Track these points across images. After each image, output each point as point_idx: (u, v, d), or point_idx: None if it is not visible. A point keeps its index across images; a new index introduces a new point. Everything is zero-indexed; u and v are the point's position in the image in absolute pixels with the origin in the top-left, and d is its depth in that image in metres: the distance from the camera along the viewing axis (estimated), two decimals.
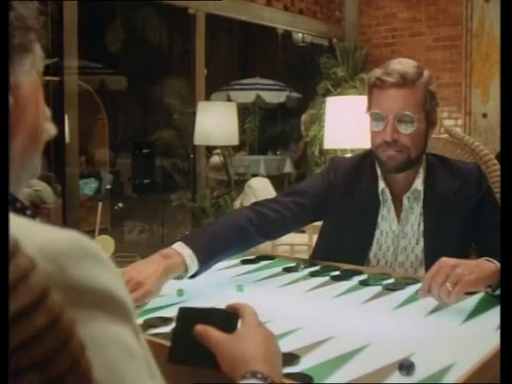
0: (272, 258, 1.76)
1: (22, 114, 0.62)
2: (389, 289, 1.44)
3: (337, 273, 1.60)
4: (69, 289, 0.48)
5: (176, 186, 6.65)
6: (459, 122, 5.39)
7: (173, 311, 1.24)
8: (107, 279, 0.52)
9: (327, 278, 1.55)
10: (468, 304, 1.31)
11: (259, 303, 1.20)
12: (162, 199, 6.24)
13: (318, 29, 5.99)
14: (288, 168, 8.93)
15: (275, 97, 9.47)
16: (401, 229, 1.68)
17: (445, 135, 2.08)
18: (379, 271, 1.62)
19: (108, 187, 6.96)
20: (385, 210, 1.68)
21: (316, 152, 5.43)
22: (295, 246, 3.71)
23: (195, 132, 4.37)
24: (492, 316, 1.23)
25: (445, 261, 1.28)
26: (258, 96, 9.38)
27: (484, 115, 5.30)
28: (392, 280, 1.52)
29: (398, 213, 1.68)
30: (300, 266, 1.65)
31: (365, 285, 1.48)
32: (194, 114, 4.46)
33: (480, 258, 1.35)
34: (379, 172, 1.68)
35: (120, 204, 6.55)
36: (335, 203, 1.69)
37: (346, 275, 1.56)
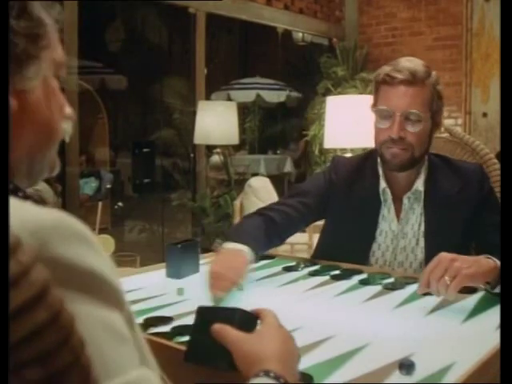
0: (272, 257, 1.76)
1: (31, 117, 0.65)
2: (389, 288, 1.44)
3: (337, 272, 1.60)
4: (53, 265, 0.48)
5: (176, 186, 6.65)
6: (459, 122, 5.39)
7: (173, 310, 1.24)
8: (96, 262, 0.52)
9: (327, 278, 1.55)
10: (468, 303, 1.31)
11: (259, 302, 1.20)
12: (162, 199, 6.24)
13: (318, 28, 5.99)
14: (288, 167, 8.93)
15: (275, 96, 9.47)
16: (400, 229, 1.68)
17: (445, 134, 2.08)
18: (379, 271, 1.62)
19: (108, 187, 6.96)
20: (385, 210, 1.68)
21: (316, 151, 5.43)
22: (295, 245, 3.71)
23: (195, 131, 4.36)
24: (492, 315, 1.23)
25: (443, 255, 1.28)
26: (258, 95, 9.37)
27: (484, 114, 5.29)
28: (392, 279, 1.52)
29: (398, 213, 1.67)
30: (300, 266, 1.65)
31: (365, 284, 1.48)
32: (194, 114, 4.46)
33: (479, 255, 1.36)
34: (381, 171, 1.68)
35: (120, 203, 6.56)
36: (337, 202, 1.70)
37: (346, 274, 1.56)
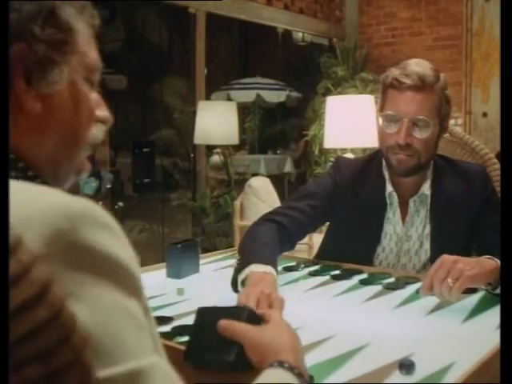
0: None
1: (56, 120, 0.67)
2: (389, 288, 1.44)
3: (337, 272, 1.60)
4: (79, 249, 0.50)
5: (176, 186, 6.66)
6: (459, 122, 5.39)
7: (173, 310, 1.25)
8: (118, 250, 0.53)
9: (327, 278, 1.55)
10: (468, 303, 1.31)
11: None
12: (162, 198, 6.24)
13: (318, 28, 5.99)
14: (288, 167, 8.93)
15: (275, 96, 9.47)
16: (405, 231, 1.67)
17: (445, 134, 2.07)
18: (379, 270, 1.62)
19: (108, 186, 6.93)
20: (390, 213, 1.67)
21: (316, 151, 5.43)
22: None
23: (195, 131, 4.36)
24: (492, 315, 1.23)
25: (446, 257, 1.28)
26: (258, 95, 9.37)
27: (484, 114, 5.29)
28: (392, 279, 1.52)
29: (403, 216, 1.66)
30: (300, 266, 1.65)
31: (365, 284, 1.48)
32: (194, 114, 4.46)
33: (480, 256, 1.36)
34: (387, 175, 1.66)
35: (120, 203, 6.54)
36: (342, 204, 1.68)
37: (346, 274, 1.56)
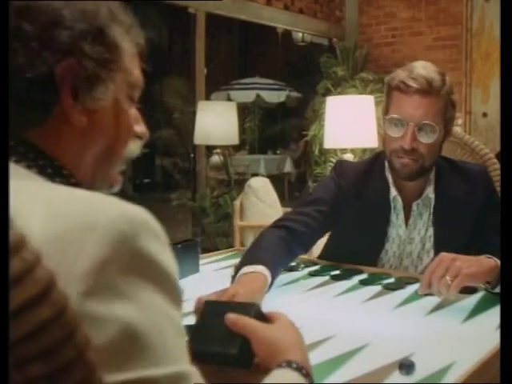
0: None
1: (98, 134, 0.70)
2: (389, 288, 1.44)
3: (337, 272, 1.60)
4: (137, 255, 0.53)
5: (176, 186, 6.66)
6: (459, 122, 5.38)
7: None
8: (167, 260, 0.56)
9: (327, 278, 1.55)
10: (468, 303, 1.31)
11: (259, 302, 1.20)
12: (162, 198, 6.25)
13: (318, 28, 5.99)
14: (288, 167, 8.94)
15: (275, 96, 9.48)
16: (408, 234, 1.66)
17: None
18: (379, 271, 1.62)
19: None
20: (393, 216, 1.66)
21: (316, 151, 5.43)
22: None
23: (195, 131, 4.36)
24: (492, 315, 1.23)
25: (444, 255, 1.29)
26: (258, 95, 9.38)
27: (484, 114, 5.29)
28: (392, 279, 1.52)
29: (406, 218, 1.66)
30: (300, 266, 1.65)
31: (365, 284, 1.48)
32: (194, 114, 4.46)
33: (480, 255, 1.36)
34: (390, 179, 1.65)
35: None
36: (346, 208, 1.66)
37: (346, 274, 1.56)
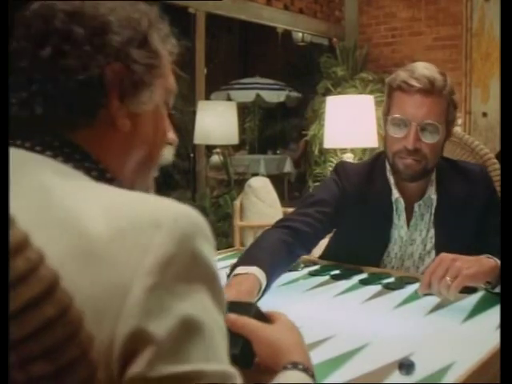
0: None
1: (139, 139, 0.71)
2: (389, 288, 1.44)
3: (337, 272, 1.60)
4: (194, 255, 0.55)
5: (176, 185, 6.65)
6: (459, 121, 5.38)
7: None
8: (216, 265, 0.58)
9: (327, 277, 1.55)
10: (468, 303, 1.31)
11: (259, 302, 1.20)
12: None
13: (318, 28, 5.99)
14: (288, 167, 8.93)
15: (275, 96, 9.47)
16: (409, 235, 1.66)
17: None
18: (379, 270, 1.62)
19: None
20: (396, 218, 1.66)
21: (316, 151, 5.43)
22: None
23: (195, 131, 4.36)
24: (492, 315, 1.23)
25: (444, 255, 1.29)
26: (258, 95, 9.38)
27: (484, 114, 5.29)
28: (392, 279, 1.52)
29: (408, 219, 1.65)
30: (300, 265, 1.65)
31: (365, 284, 1.48)
32: (194, 114, 4.46)
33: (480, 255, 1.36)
34: (392, 180, 1.64)
35: None
36: (348, 210, 1.65)
37: (346, 274, 1.56)
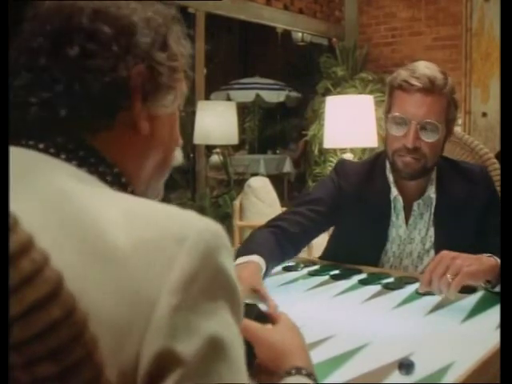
0: None
1: (156, 142, 0.70)
2: (388, 288, 1.44)
3: (336, 272, 1.60)
4: (218, 270, 0.54)
5: (176, 185, 6.64)
6: (459, 121, 5.38)
7: None
8: (236, 278, 0.57)
9: (327, 277, 1.55)
10: (468, 303, 1.31)
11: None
12: (162, 198, 6.22)
13: (318, 28, 5.99)
14: (288, 167, 8.93)
15: (275, 96, 9.48)
16: (408, 234, 1.66)
17: None
18: (379, 270, 1.62)
19: None
20: (394, 216, 1.66)
21: (316, 151, 5.43)
22: None
23: (195, 131, 4.36)
24: (492, 315, 1.23)
25: (445, 253, 1.29)
26: (258, 95, 9.38)
27: (484, 114, 5.29)
28: (392, 279, 1.52)
29: (407, 218, 1.65)
30: (299, 265, 1.65)
31: (364, 284, 1.48)
32: (194, 114, 4.46)
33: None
34: (391, 178, 1.65)
35: None
36: (346, 209, 1.66)
37: (346, 274, 1.56)
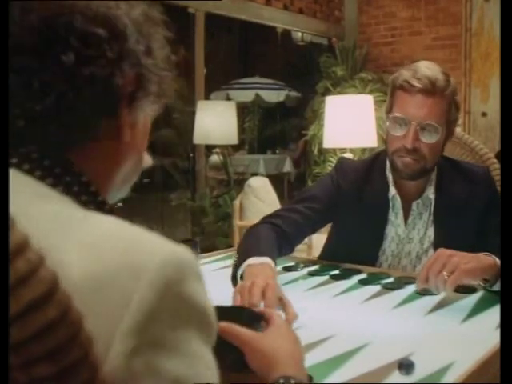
0: None
1: (134, 147, 0.67)
2: (388, 288, 1.44)
3: (336, 272, 1.60)
4: (181, 302, 0.51)
5: (176, 185, 6.65)
6: (459, 121, 5.38)
7: None
8: (207, 302, 0.54)
9: (327, 277, 1.55)
10: (468, 303, 1.31)
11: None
12: (162, 198, 6.24)
13: (318, 28, 5.99)
14: (287, 167, 8.93)
15: (274, 96, 9.47)
16: (406, 234, 1.66)
17: None
18: (378, 270, 1.62)
19: None
20: (392, 215, 1.66)
21: (315, 151, 5.43)
22: None
23: (195, 131, 4.36)
24: (492, 315, 1.23)
25: (442, 251, 1.29)
26: (258, 95, 9.38)
27: (483, 114, 5.29)
28: (391, 279, 1.52)
29: (406, 218, 1.66)
30: (299, 265, 1.65)
31: (364, 284, 1.48)
32: (194, 113, 4.46)
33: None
34: (390, 177, 1.65)
35: (119, 203, 6.56)
36: (345, 207, 1.66)
37: (346, 274, 1.56)
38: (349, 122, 3.35)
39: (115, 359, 0.47)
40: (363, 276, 1.55)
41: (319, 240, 1.84)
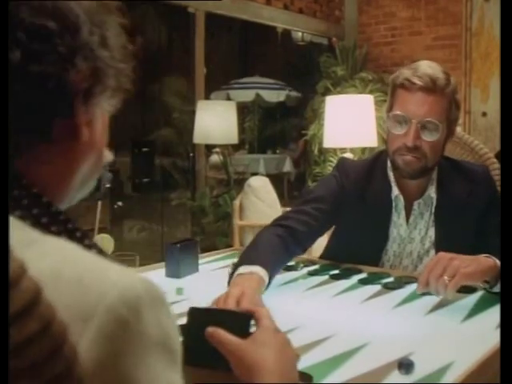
0: None
1: (93, 145, 0.63)
2: (388, 287, 1.44)
3: (336, 271, 1.60)
4: (141, 335, 0.48)
5: (175, 185, 6.66)
6: (459, 121, 5.38)
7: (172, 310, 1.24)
8: (169, 325, 0.52)
9: (326, 277, 1.55)
10: (467, 303, 1.31)
11: None
12: (162, 198, 6.24)
13: (318, 28, 5.99)
14: (287, 167, 8.95)
15: (275, 95, 9.49)
16: (408, 233, 1.66)
17: None
18: (378, 270, 1.62)
19: (107, 186, 6.93)
20: (395, 215, 1.66)
21: (315, 151, 5.42)
22: None
23: (195, 131, 4.36)
24: (491, 315, 1.23)
25: (442, 254, 1.29)
26: (258, 95, 9.39)
27: (483, 114, 5.29)
28: (391, 279, 1.52)
29: (407, 217, 1.65)
30: (299, 265, 1.65)
31: (364, 283, 1.48)
32: (194, 113, 4.46)
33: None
34: (392, 177, 1.64)
35: (119, 203, 6.55)
36: (348, 207, 1.65)
37: (346, 274, 1.56)
38: (349, 122, 3.35)
39: None
40: (363, 276, 1.55)
41: (319, 240, 1.83)
